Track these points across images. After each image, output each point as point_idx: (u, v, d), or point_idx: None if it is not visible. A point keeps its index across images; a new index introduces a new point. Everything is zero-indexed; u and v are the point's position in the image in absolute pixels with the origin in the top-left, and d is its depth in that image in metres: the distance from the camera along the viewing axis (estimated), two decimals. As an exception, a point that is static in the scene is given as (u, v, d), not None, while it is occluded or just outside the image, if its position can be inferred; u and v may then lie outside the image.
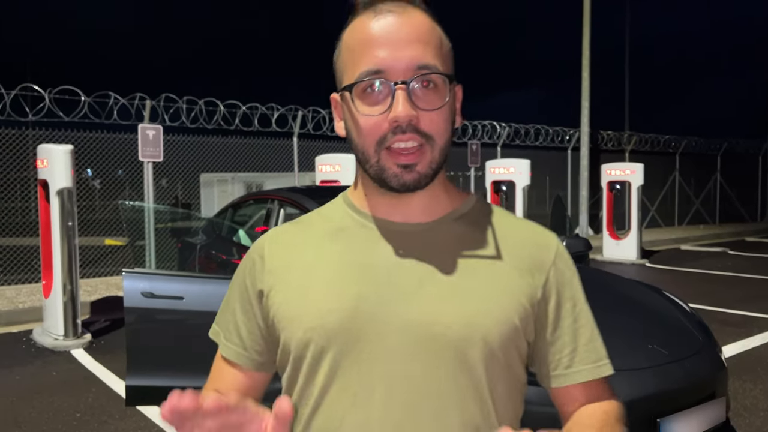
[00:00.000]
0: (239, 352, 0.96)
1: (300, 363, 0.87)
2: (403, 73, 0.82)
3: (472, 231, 0.91)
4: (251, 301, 0.94)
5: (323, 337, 0.85)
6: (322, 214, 0.98)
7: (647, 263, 11.12)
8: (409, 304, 0.84)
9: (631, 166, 11.68)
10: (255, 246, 0.97)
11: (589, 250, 4.73)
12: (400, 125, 0.81)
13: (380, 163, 0.84)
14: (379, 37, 0.83)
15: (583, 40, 13.84)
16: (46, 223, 5.88)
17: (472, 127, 13.11)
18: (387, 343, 0.84)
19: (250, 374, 0.96)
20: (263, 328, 0.93)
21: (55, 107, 8.68)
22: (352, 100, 0.85)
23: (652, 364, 2.86)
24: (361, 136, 0.85)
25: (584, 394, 0.93)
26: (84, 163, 9.42)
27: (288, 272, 0.91)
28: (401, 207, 0.90)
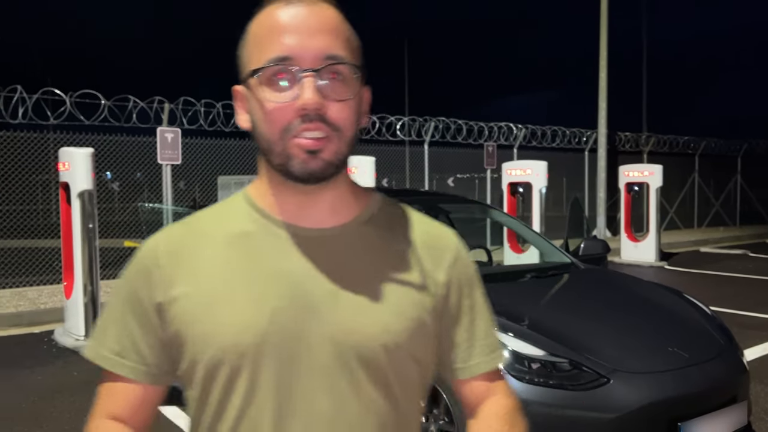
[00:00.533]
0: (139, 368, 0.88)
1: (211, 382, 0.84)
2: (312, 62, 0.81)
3: (380, 234, 0.91)
4: (148, 314, 0.87)
5: (239, 356, 0.82)
6: (219, 215, 0.92)
7: (666, 265, 11.00)
8: (326, 316, 0.83)
9: (649, 168, 11.57)
10: (144, 252, 0.90)
11: (608, 252, 4.70)
12: (308, 113, 0.80)
13: (286, 151, 0.82)
14: (288, 24, 0.82)
15: (600, 40, 13.75)
16: (68, 225, 5.97)
17: (488, 128, 13.07)
18: (306, 358, 0.82)
19: (151, 389, 0.90)
20: (165, 340, 0.87)
21: (75, 111, 8.80)
22: (258, 87, 0.83)
23: (673, 367, 2.84)
24: (267, 123, 0.82)
25: (484, 384, 0.97)
26: (104, 166, 9.54)
27: (190, 283, 0.85)
28: (309, 207, 0.88)
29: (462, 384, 0.97)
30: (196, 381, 0.85)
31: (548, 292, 3.71)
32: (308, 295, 0.84)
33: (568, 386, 2.69)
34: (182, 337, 0.85)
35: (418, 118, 12.45)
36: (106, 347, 0.90)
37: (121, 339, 0.89)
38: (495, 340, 0.99)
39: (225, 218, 0.91)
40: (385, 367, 0.85)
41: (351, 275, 0.86)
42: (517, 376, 2.72)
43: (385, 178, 12.73)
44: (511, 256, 8.66)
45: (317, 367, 0.83)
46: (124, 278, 0.91)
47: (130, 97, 9.22)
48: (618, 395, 2.65)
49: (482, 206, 5.91)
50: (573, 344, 2.85)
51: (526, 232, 5.01)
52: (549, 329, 2.98)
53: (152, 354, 0.88)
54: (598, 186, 14.11)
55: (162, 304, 0.86)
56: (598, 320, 3.21)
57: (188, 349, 0.84)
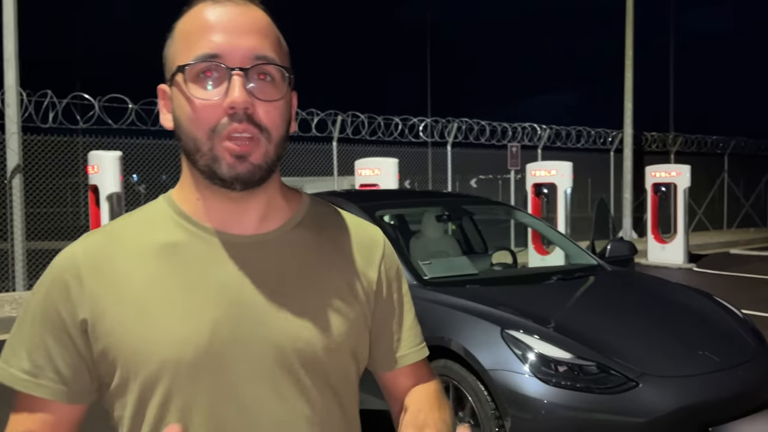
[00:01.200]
0: (58, 388, 0.82)
1: (148, 399, 0.80)
2: (241, 61, 0.79)
3: (310, 237, 0.90)
4: (69, 331, 0.81)
5: (179, 369, 0.79)
6: (141, 224, 0.88)
7: (695, 267, 10.82)
8: (267, 323, 0.83)
9: (676, 168, 11.39)
10: (62, 265, 0.84)
11: (635, 253, 4.64)
12: (237, 112, 0.78)
13: (213, 152, 0.79)
14: (217, 23, 0.80)
15: (626, 39, 13.58)
16: (97, 226, 6.07)
17: (512, 129, 13.00)
18: (249, 366, 0.81)
19: (70, 409, 0.84)
20: (88, 358, 0.82)
21: (104, 115, 8.97)
22: (185, 84, 0.80)
23: (703, 371, 2.79)
24: (193, 122, 0.80)
25: (412, 375, 0.99)
26: (130, 169, 9.69)
27: (117, 297, 0.81)
28: (238, 213, 0.85)
29: (390, 375, 0.99)
30: (128, 399, 0.81)
31: (574, 295, 3.67)
32: (246, 304, 0.83)
33: (596, 390, 2.65)
34: (112, 354, 0.80)
35: (441, 119, 12.43)
36: (17, 367, 0.83)
37: (34, 358, 0.82)
38: (420, 331, 1.02)
39: (149, 227, 0.86)
40: (327, 368, 0.86)
41: (287, 280, 0.86)
42: (543, 379, 2.69)
43: (407, 179, 12.72)
44: (535, 258, 8.60)
45: (262, 374, 0.82)
46: (37, 293, 0.84)
47: (156, 101, 9.35)
48: (647, 399, 2.61)
49: (506, 207, 5.87)
50: (600, 347, 2.82)
51: (551, 233, 4.97)
52: (576, 332, 2.94)
53: (71, 372, 0.82)
54: (624, 187, 13.93)
55: (86, 320, 0.81)
56: (625, 323, 3.16)
57: (120, 367, 0.80)
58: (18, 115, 8.54)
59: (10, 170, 8.53)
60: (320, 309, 0.87)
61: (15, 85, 8.55)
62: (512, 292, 3.65)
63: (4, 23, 8.62)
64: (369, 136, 11.44)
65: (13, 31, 8.63)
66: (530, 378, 2.71)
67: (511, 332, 2.87)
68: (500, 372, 2.77)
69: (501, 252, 5.26)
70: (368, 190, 7.27)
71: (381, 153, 10.68)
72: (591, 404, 2.63)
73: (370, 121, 11.60)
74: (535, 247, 8.69)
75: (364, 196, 4.86)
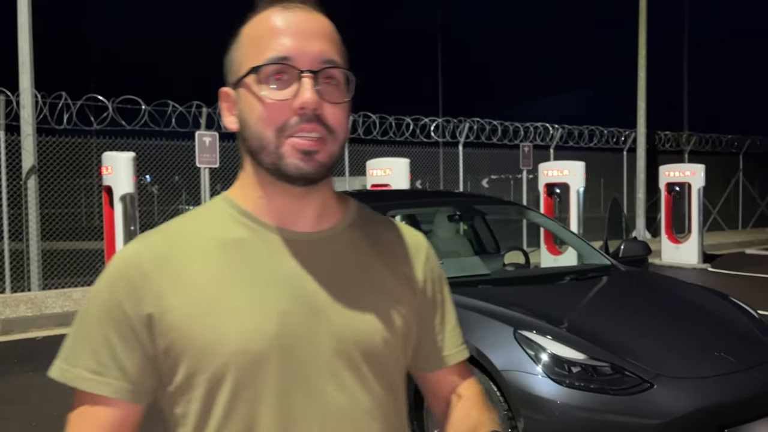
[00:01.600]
0: (124, 386, 0.83)
1: (216, 392, 0.82)
2: (309, 64, 0.82)
3: (362, 237, 0.94)
4: (133, 327, 0.83)
5: (250, 360, 0.81)
6: (200, 222, 0.90)
7: (709, 268, 10.71)
8: (329, 316, 0.86)
9: (690, 167, 11.29)
10: (125, 262, 0.85)
11: (649, 253, 4.60)
12: (306, 112, 0.81)
13: (279, 150, 0.82)
14: (287, 27, 0.84)
15: (639, 38, 13.48)
16: (110, 227, 6.13)
17: (524, 129, 12.95)
18: (314, 358, 0.84)
19: (133, 408, 0.85)
20: (151, 356, 0.83)
21: (117, 116, 9.04)
22: (256, 85, 0.83)
23: (719, 372, 2.76)
24: (262, 122, 0.83)
25: (456, 374, 1.03)
26: (143, 170, 9.76)
27: (182, 292, 0.83)
28: (298, 211, 0.88)
29: (434, 375, 1.02)
30: (195, 394, 0.83)
31: (588, 295, 3.65)
32: (309, 297, 0.85)
33: (610, 391, 2.63)
34: (177, 349, 0.82)
35: (453, 119, 12.40)
36: (80, 366, 0.83)
37: (98, 356, 0.83)
38: (460, 331, 1.05)
39: (208, 225, 0.89)
40: (384, 361, 0.89)
41: (344, 276, 0.89)
42: (556, 380, 2.67)
43: (418, 179, 12.72)
44: (548, 258, 8.56)
45: (325, 365, 0.85)
46: (99, 291, 0.86)
47: (169, 102, 9.42)
48: (662, 401, 2.59)
49: (519, 207, 5.85)
50: (614, 348, 2.80)
51: (564, 233, 4.94)
52: (589, 332, 2.92)
53: (136, 370, 0.83)
54: (638, 186, 13.83)
55: (152, 315, 0.82)
56: (640, 323, 3.14)
57: (186, 361, 0.82)
58: (33, 117, 8.63)
59: (25, 171, 8.62)
60: (376, 304, 0.90)
61: (30, 87, 8.64)
62: (525, 292, 3.63)
63: (19, 27, 8.71)
64: (380, 136, 11.44)
65: (27, 35, 8.72)
66: (543, 379, 2.69)
67: (524, 333, 2.86)
68: (513, 373, 2.76)
69: (513, 252, 5.24)
70: (380, 190, 7.28)
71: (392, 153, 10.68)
72: (605, 405, 2.61)
73: (382, 121, 11.60)
74: (548, 247, 8.65)
75: (375, 197, 4.86)
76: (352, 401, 0.86)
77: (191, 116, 9.64)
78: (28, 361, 5.44)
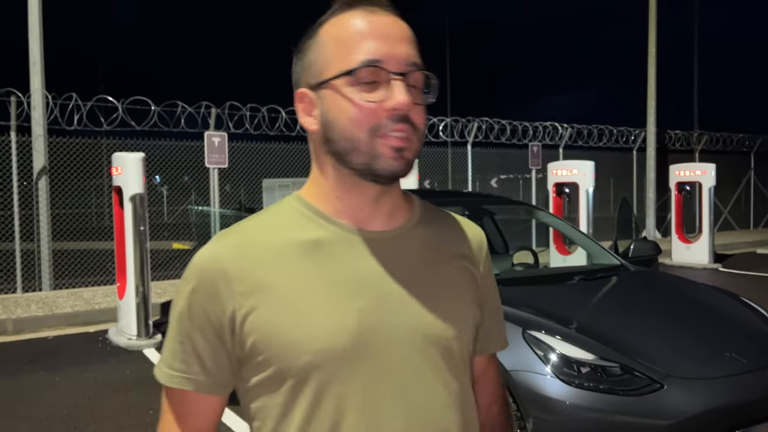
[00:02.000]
0: (205, 381, 0.89)
1: (301, 388, 0.85)
2: (398, 67, 0.85)
3: (429, 233, 0.97)
4: (216, 328, 0.87)
5: (334, 357, 0.84)
6: (275, 224, 0.92)
7: (720, 268, 10.63)
8: (408, 312, 0.89)
9: (701, 167, 11.21)
10: (206, 267, 0.88)
11: (659, 253, 4.57)
12: (399, 113, 0.84)
13: (373, 150, 0.85)
14: (374, 30, 0.86)
15: (649, 37, 13.41)
16: (120, 227, 6.16)
17: (532, 128, 12.90)
18: (395, 353, 0.87)
19: (216, 399, 0.91)
20: (232, 354, 0.88)
21: (127, 117, 9.09)
22: (346, 87, 0.85)
23: (730, 373, 2.74)
24: (355, 123, 0.85)
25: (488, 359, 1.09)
26: (153, 170, 9.81)
27: (266, 293, 0.86)
28: (374, 211, 0.91)
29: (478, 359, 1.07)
30: (281, 389, 0.86)
31: (597, 295, 3.63)
32: (386, 295, 0.88)
33: (619, 391, 2.62)
34: (263, 347, 0.85)
35: (461, 118, 12.38)
36: (170, 366, 0.90)
37: (184, 356, 0.89)
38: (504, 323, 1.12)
39: (285, 225, 0.91)
40: (457, 355, 0.93)
41: (417, 272, 0.92)
42: (565, 380, 2.66)
43: (426, 179, 12.70)
44: (557, 258, 8.52)
45: (406, 361, 0.88)
46: (183, 294, 0.89)
47: (178, 103, 9.46)
48: (672, 401, 2.57)
49: (528, 207, 5.83)
50: (624, 348, 2.78)
51: (573, 233, 4.91)
52: (599, 333, 2.91)
53: (218, 367, 0.88)
54: (648, 186, 13.75)
55: (235, 318, 0.86)
56: (650, 324, 3.12)
57: (271, 359, 0.85)
58: (44, 118, 8.70)
59: (36, 172, 8.68)
60: (447, 300, 0.93)
61: (41, 88, 8.71)
62: (534, 292, 3.62)
63: (30, 28, 8.78)
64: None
65: (38, 36, 8.78)
66: (552, 379, 2.68)
67: (533, 333, 2.85)
68: (522, 373, 2.75)
69: (522, 252, 5.22)
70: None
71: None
72: (614, 406, 2.59)
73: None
74: (557, 247, 8.60)
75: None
76: (432, 395, 0.89)
77: (200, 117, 9.68)
78: (39, 361, 5.48)
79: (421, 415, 0.88)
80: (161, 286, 8.76)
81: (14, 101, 8.37)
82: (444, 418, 0.90)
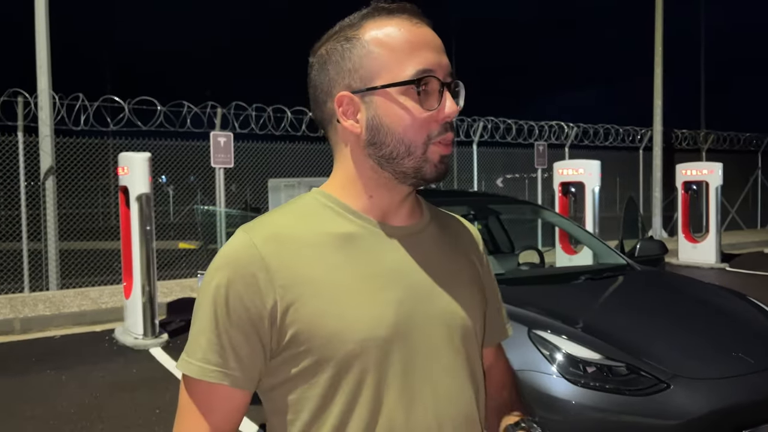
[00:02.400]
0: (239, 376, 0.88)
1: (342, 377, 0.86)
2: (445, 76, 0.90)
3: (440, 229, 1.03)
4: (254, 321, 0.86)
5: (375, 346, 0.87)
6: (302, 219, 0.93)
7: (727, 267, 10.59)
8: (434, 304, 0.94)
9: (708, 166, 11.16)
10: (243, 258, 0.87)
11: (665, 253, 4.56)
12: (449, 122, 0.90)
13: (425, 155, 0.90)
14: (423, 40, 0.90)
15: (655, 35, 13.35)
16: (127, 227, 6.18)
17: (538, 127, 12.87)
18: (425, 343, 0.91)
19: (247, 395, 0.91)
20: (267, 347, 0.88)
21: (133, 117, 9.12)
22: (402, 95, 0.89)
23: (737, 373, 2.73)
24: (411, 130, 0.89)
25: (496, 350, 1.15)
26: (159, 170, 9.83)
27: (306, 285, 0.87)
28: (399, 208, 0.96)
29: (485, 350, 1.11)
30: (320, 379, 0.87)
31: (603, 294, 3.62)
32: (416, 286, 0.93)
33: (626, 391, 2.61)
34: (305, 338, 0.86)
35: (467, 118, 12.36)
36: (204, 360, 0.87)
37: (221, 351, 0.87)
38: (505, 311, 1.17)
39: (315, 220, 0.93)
40: (475, 344, 0.99)
41: (438, 266, 0.97)
42: (571, 379, 2.66)
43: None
44: (563, 258, 8.50)
45: (434, 350, 0.92)
46: (217, 285, 0.87)
47: (184, 103, 9.49)
48: (679, 402, 2.56)
49: (533, 207, 5.82)
50: (630, 348, 2.77)
51: (579, 232, 4.90)
52: (605, 332, 2.90)
53: (251, 361, 0.88)
54: (654, 185, 13.70)
55: (276, 309, 0.86)
56: (656, 324, 3.11)
57: (313, 349, 0.86)
58: (51, 119, 8.74)
59: (43, 172, 8.73)
60: (465, 291, 0.99)
61: (48, 89, 8.75)
62: (539, 291, 3.61)
63: (36, 29, 8.82)
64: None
65: (45, 37, 8.82)
66: (558, 378, 2.68)
67: (539, 332, 2.85)
68: (527, 372, 2.74)
69: (528, 251, 5.21)
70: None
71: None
72: (620, 406, 2.59)
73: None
74: (563, 246, 8.58)
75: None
76: (456, 380, 0.94)
77: (206, 117, 9.70)
78: (47, 360, 5.51)
79: (448, 400, 0.92)
80: (168, 285, 8.79)
81: (21, 102, 8.41)
82: (467, 403, 0.95)
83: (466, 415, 0.94)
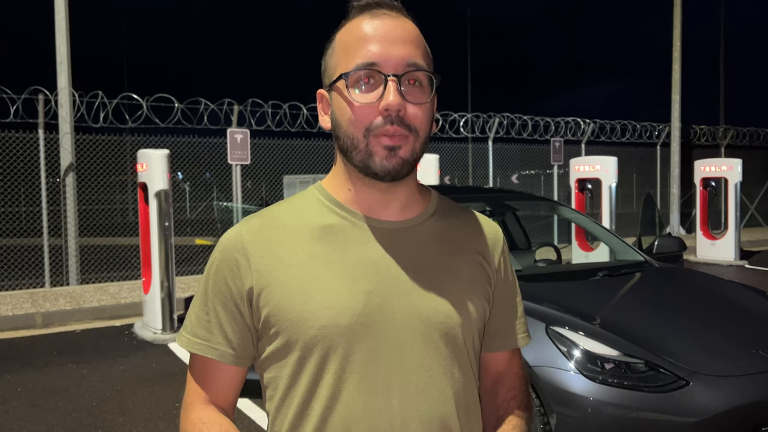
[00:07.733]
0: (227, 351, 0.96)
1: (306, 360, 0.91)
2: (395, 68, 0.90)
3: (443, 226, 1.02)
4: (236, 301, 0.94)
5: (337, 334, 0.90)
6: (295, 210, 0.99)
7: (747, 264, 10.46)
8: (412, 298, 0.94)
9: (727, 162, 11.03)
10: (230, 245, 0.96)
11: (684, 250, 4.52)
12: (390, 114, 0.89)
13: (368, 148, 0.90)
14: (374, 34, 0.91)
15: (674, 30, 13.20)
16: (146, 223, 6.25)
17: (554, 123, 12.79)
18: (395, 336, 0.92)
19: (235, 371, 0.98)
20: (251, 326, 0.95)
21: (151, 114, 9.20)
22: (346, 90, 0.91)
23: (757, 370, 2.71)
24: (353, 123, 0.91)
25: (510, 356, 1.11)
26: (176, 167, 9.92)
27: (280, 271, 0.93)
28: (385, 202, 0.97)
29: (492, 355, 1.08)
30: (289, 360, 0.93)
31: (621, 291, 3.60)
32: (394, 280, 0.93)
33: (644, 388, 2.60)
34: (275, 320, 0.92)
35: (482, 114, 12.32)
36: (193, 334, 0.97)
37: (209, 326, 0.96)
38: (525, 320, 1.13)
39: (304, 211, 0.98)
40: (460, 344, 0.96)
41: (426, 262, 0.97)
42: (589, 376, 2.65)
43: (446, 175, 12.66)
44: (579, 254, 8.46)
45: (407, 343, 0.92)
46: (209, 270, 0.98)
47: (201, 100, 9.56)
48: (698, 399, 2.55)
49: (550, 203, 5.80)
50: (649, 345, 2.76)
51: (596, 229, 4.88)
52: (623, 329, 2.89)
53: (238, 338, 0.95)
54: (672, 182, 13.56)
55: (252, 291, 0.93)
56: (675, 320, 3.09)
57: (283, 332, 0.92)
58: (71, 116, 8.85)
59: (63, 169, 8.84)
60: (455, 289, 0.97)
61: (68, 86, 8.86)
62: (557, 288, 3.60)
63: (57, 27, 8.93)
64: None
65: (65, 35, 8.93)
66: (576, 375, 2.67)
67: (556, 329, 2.84)
68: (545, 369, 2.75)
69: (545, 248, 5.20)
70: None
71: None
72: (639, 403, 2.58)
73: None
74: (579, 243, 8.54)
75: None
76: (430, 378, 0.93)
77: (223, 113, 9.77)
78: (68, 354, 5.60)
79: (417, 397, 0.92)
80: (185, 281, 8.87)
81: (42, 99, 8.53)
82: (443, 403, 0.93)
83: (441, 415, 0.92)
